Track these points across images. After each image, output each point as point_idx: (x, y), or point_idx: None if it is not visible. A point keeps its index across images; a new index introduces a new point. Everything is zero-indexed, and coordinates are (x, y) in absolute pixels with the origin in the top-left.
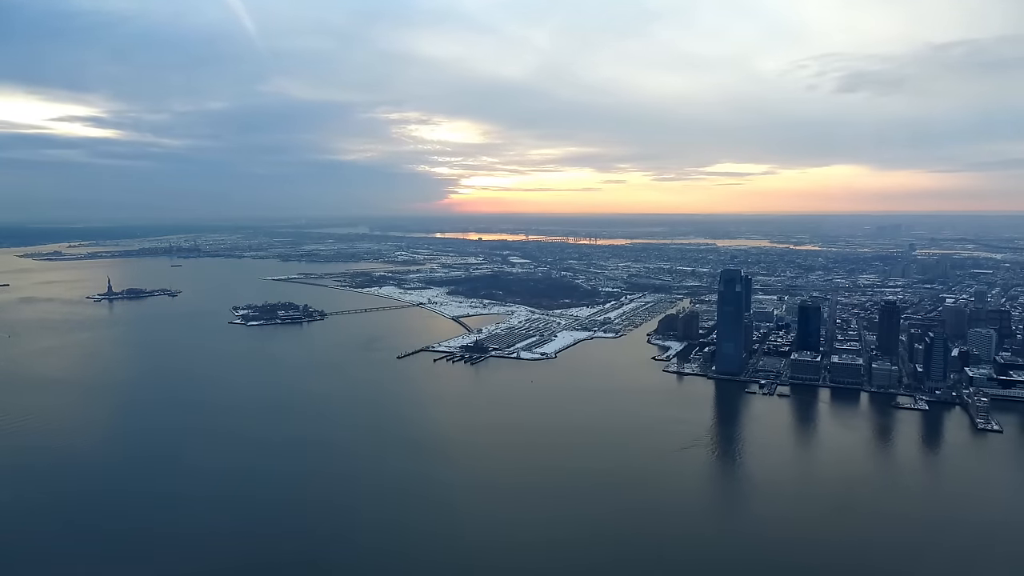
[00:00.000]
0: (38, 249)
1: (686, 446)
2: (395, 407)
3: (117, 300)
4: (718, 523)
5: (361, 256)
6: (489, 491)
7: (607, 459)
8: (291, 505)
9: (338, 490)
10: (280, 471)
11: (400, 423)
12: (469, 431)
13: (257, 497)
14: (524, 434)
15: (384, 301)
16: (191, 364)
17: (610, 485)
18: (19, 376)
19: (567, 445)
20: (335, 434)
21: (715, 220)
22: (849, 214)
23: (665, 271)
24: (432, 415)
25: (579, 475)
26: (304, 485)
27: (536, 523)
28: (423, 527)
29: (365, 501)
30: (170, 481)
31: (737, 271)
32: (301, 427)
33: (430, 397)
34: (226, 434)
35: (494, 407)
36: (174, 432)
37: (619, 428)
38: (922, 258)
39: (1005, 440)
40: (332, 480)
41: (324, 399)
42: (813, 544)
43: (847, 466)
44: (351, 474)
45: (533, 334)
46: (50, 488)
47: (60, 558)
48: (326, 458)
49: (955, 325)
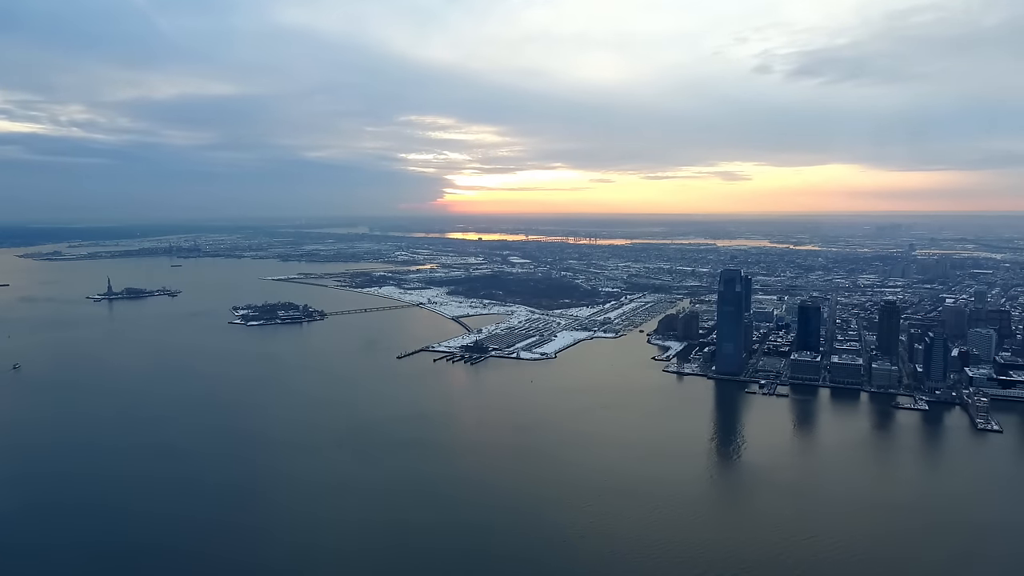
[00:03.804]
0: (38, 249)
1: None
2: (395, 407)
3: (117, 300)
4: (718, 523)
5: (361, 256)
6: (489, 491)
7: (607, 459)
8: (289, 504)
9: (338, 490)
10: (278, 471)
11: (399, 423)
12: (469, 431)
13: (246, 494)
14: (524, 434)
15: (384, 301)
16: (190, 364)
17: (610, 485)
18: (16, 376)
19: (567, 445)
20: (335, 434)
21: (713, 220)
22: (847, 213)
23: (665, 271)
24: (432, 415)
25: (579, 475)
26: (302, 485)
27: (535, 523)
28: (420, 527)
29: (363, 500)
30: (169, 476)
31: (737, 271)
32: (301, 427)
33: (430, 397)
34: (225, 434)
35: (494, 407)
36: (173, 431)
37: (619, 428)
38: (922, 258)
39: (1005, 440)
40: (331, 480)
41: (324, 399)
42: (813, 544)
43: (847, 466)
44: (350, 473)
45: (533, 334)
46: (50, 487)
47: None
48: (326, 458)
49: (955, 325)
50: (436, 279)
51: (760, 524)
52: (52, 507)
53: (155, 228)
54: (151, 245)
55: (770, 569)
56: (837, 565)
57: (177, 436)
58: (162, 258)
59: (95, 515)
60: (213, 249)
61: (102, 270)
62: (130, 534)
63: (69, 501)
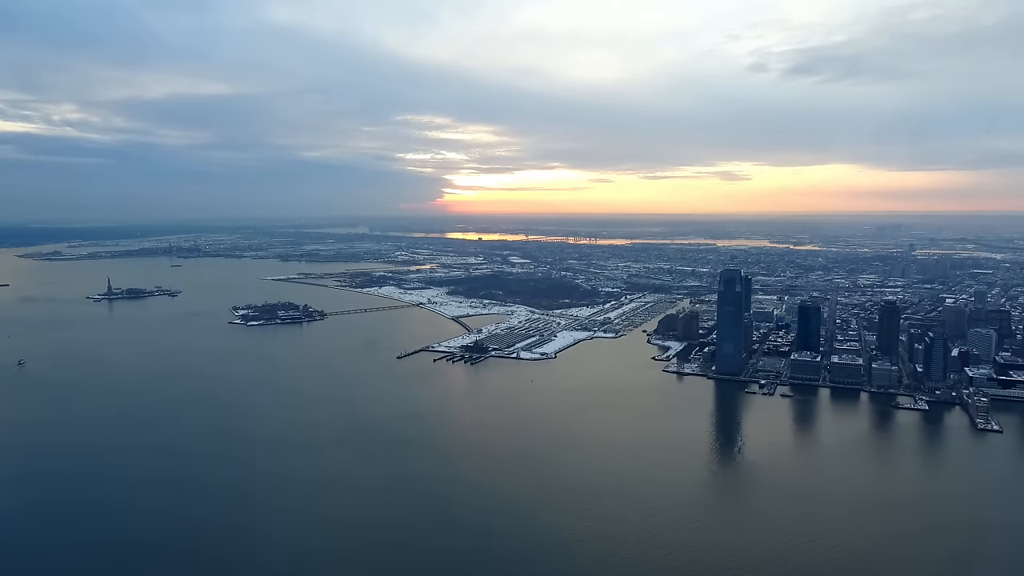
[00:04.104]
0: (38, 249)
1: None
2: (394, 407)
3: (117, 300)
4: (717, 525)
5: (361, 256)
6: (488, 492)
7: (606, 459)
8: (288, 504)
9: (337, 490)
10: (277, 471)
11: (399, 422)
12: (468, 431)
13: (245, 493)
14: (524, 434)
15: (384, 301)
16: (190, 363)
17: (608, 486)
18: (20, 373)
19: (566, 445)
20: (334, 434)
21: (712, 220)
22: (847, 213)
23: (665, 271)
24: (431, 415)
25: (577, 476)
26: (301, 484)
27: (533, 525)
28: (419, 527)
29: (362, 500)
30: (171, 478)
31: (737, 271)
32: (299, 427)
33: (429, 397)
34: (225, 433)
35: (494, 407)
36: (173, 431)
37: (619, 428)
38: (922, 258)
39: (1005, 440)
40: (330, 479)
41: (324, 399)
42: (812, 544)
43: (847, 466)
44: (348, 473)
45: (533, 334)
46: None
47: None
48: (324, 457)
49: (955, 325)
50: (436, 279)
51: (760, 526)
52: (51, 506)
53: (155, 228)
54: (151, 245)
55: (770, 571)
56: (837, 566)
57: (176, 435)
58: (162, 258)
59: (95, 514)
60: (213, 249)
61: (102, 270)
62: (128, 533)
63: (71, 500)
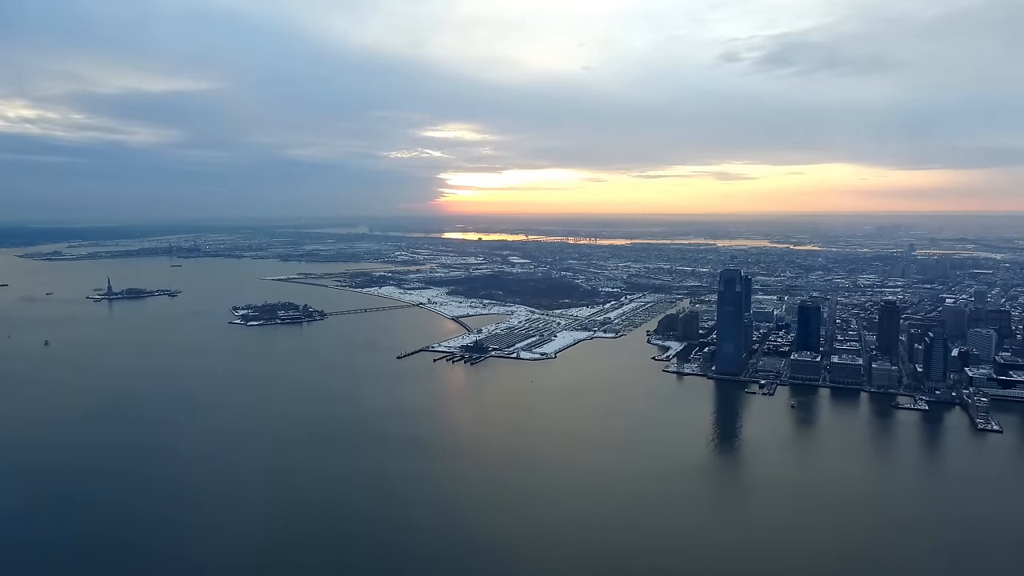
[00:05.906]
0: (38, 249)
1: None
2: (394, 407)
3: (117, 300)
4: (717, 525)
5: (361, 256)
6: (487, 492)
7: (605, 460)
8: (287, 503)
9: (335, 489)
10: (276, 470)
11: (398, 422)
12: (468, 431)
13: (243, 492)
14: (523, 434)
15: (384, 301)
16: (190, 363)
17: (608, 486)
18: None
19: (567, 445)
20: (333, 433)
21: (709, 219)
22: (847, 213)
23: (665, 271)
24: (431, 415)
25: (577, 476)
26: (299, 485)
27: (532, 526)
28: (418, 527)
29: (361, 499)
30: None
31: (737, 271)
32: (299, 427)
33: (429, 397)
34: (224, 433)
35: (493, 407)
36: (172, 430)
37: (619, 428)
38: (922, 258)
39: (1005, 440)
40: (329, 478)
41: (324, 399)
42: (812, 544)
43: (846, 466)
44: (346, 472)
45: (533, 334)
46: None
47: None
48: (324, 457)
49: (955, 325)
50: (436, 279)
51: (760, 525)
52: (50, 503)
53: (155, 228)
54: (151, 245)
55: (770, 570)
56: (836, 565)
57: (175, 435)
58: (162, 258)
59: (94, 513)
60: (213, 249)
61: (102, 270)
62: (126, 533)
63: (74, 498)
